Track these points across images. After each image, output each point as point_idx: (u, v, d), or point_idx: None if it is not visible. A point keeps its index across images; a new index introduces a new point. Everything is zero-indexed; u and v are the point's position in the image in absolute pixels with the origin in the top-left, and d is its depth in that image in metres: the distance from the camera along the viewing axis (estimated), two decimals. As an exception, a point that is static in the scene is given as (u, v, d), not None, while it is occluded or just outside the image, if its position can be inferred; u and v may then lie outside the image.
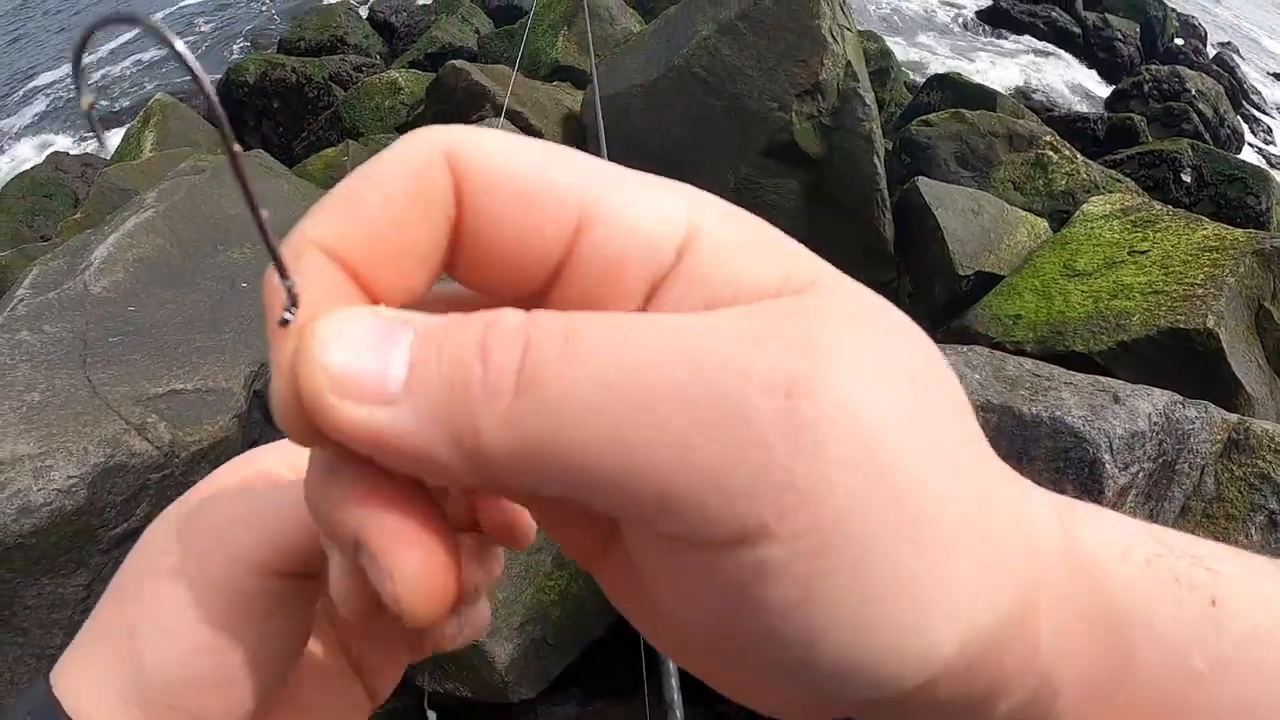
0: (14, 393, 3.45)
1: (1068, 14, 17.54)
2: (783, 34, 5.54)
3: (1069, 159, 6.55)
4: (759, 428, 0.25)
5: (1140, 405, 2.68)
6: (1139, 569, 0.32)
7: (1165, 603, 0.32)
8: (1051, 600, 0.31)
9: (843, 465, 0.26)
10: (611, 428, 0.25)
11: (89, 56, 0.37)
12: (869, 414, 0.26)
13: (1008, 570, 0.30)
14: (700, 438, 0.25)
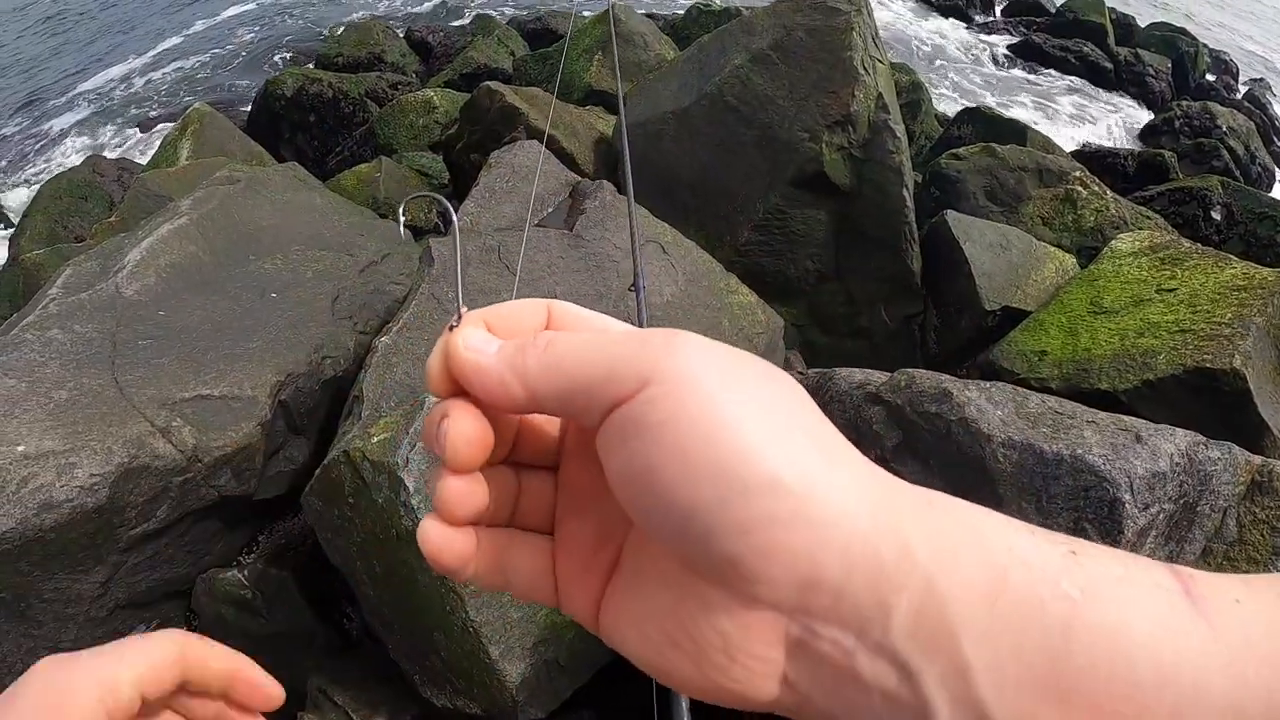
0: (42, 389, 3.49)
1: (1100, 49, 17.52)
2: (815, 65, 5.57)
3: (1098, 195, 6.52)
4: (634, 348, 0.45)
5: (1162, 445, 2.65)
6: (987, 513, 0.44)
7: (1022, 535, 0.43)
8: (911, 515, 0.43)
9: (693, 353, 0.45)
10: (568, 364, 0.47)
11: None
12: (704, 355, 0.45)
13: (841, 460, 0.43)
14: (602, 361, 0.46)
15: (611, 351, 0.46)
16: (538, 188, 4.45)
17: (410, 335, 3.63)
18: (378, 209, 6.41)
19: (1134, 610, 0.40)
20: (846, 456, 0.44)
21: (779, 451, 0.41)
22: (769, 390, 0.44)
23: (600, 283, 4.01)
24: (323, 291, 4.39)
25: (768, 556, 0.41)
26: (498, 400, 0.49)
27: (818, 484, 0.41)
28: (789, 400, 0.45)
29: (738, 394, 0.43)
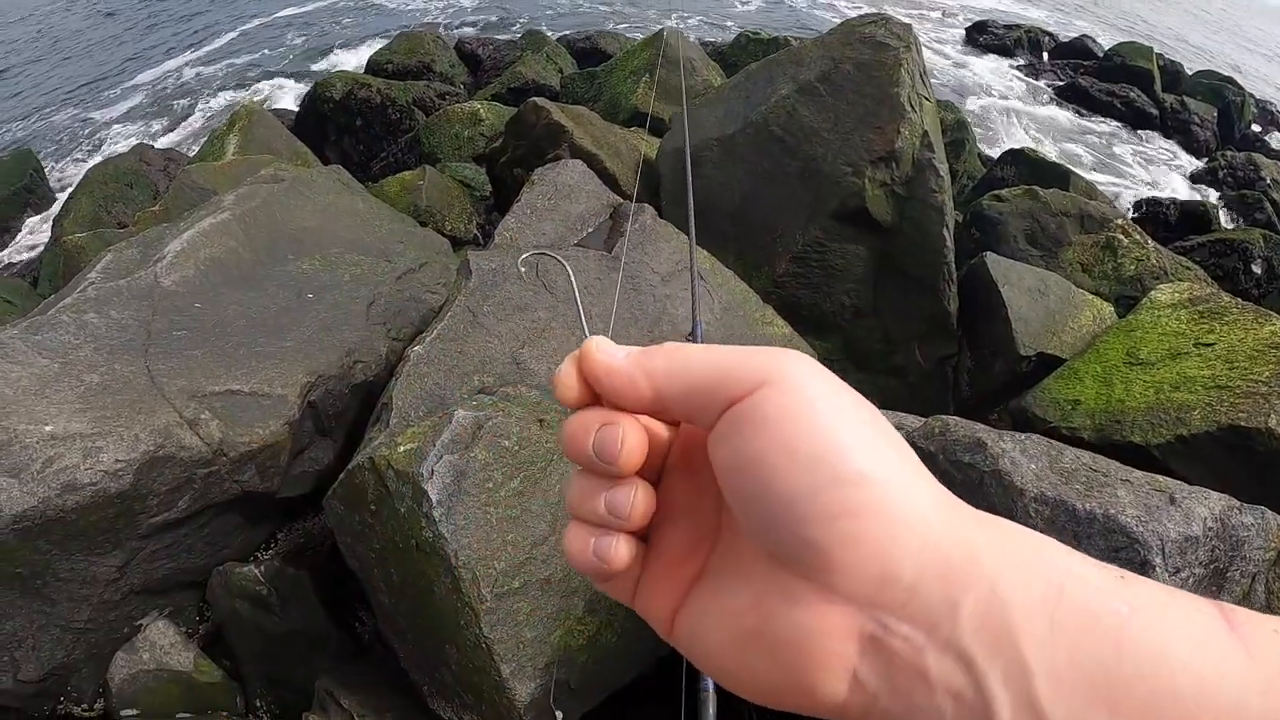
0: (75, 372, 3.52)
1: (1146, 95, 17.41)
2: (862, 99, 5.56)
3: (1139, 244, 6.47)
4: (749, 356, 0.51)
5: (1196, 509, 2.60)
6: (1045, 538, 0.49)
7: (1076, 557, 0.47)
8: (983, 533, 0.47)
9: (802, 363, 0.50)
10: (692, 366, 0.52)
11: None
12: (811, 367, 0.50)
13: (923, 472, 0.48)
14: (724, 365, 0.51)
15: (729, 358, 0.51)
16: (579, 207, 4.46)
17: (443, 346, 3.63)
18: (419, 217, 6.44)
19: (1178, 630, 0.44)
20: (925, 473, 0.49)
21: (869, 454, 0.47)
22: (863, 410, 0.50)
23: (636, 306, 4.00)
24: (359, 296, 4.40)
25: (850, 545, 0.46)
26: (627, 399, 0.54)
27: (899, 486, 0.47)
28: (879, 421, 0.50)
29: (838, 404, 0.49)
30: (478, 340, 3.68)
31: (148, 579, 3.54)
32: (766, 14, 22.70)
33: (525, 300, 3.85)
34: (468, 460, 2.97)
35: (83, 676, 3.57)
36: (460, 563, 2.83)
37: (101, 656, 3.57)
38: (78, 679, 3.56)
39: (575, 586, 2.96)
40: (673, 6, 20.25)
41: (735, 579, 0.53)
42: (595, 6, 21.53)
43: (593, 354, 0.55)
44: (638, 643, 3.09)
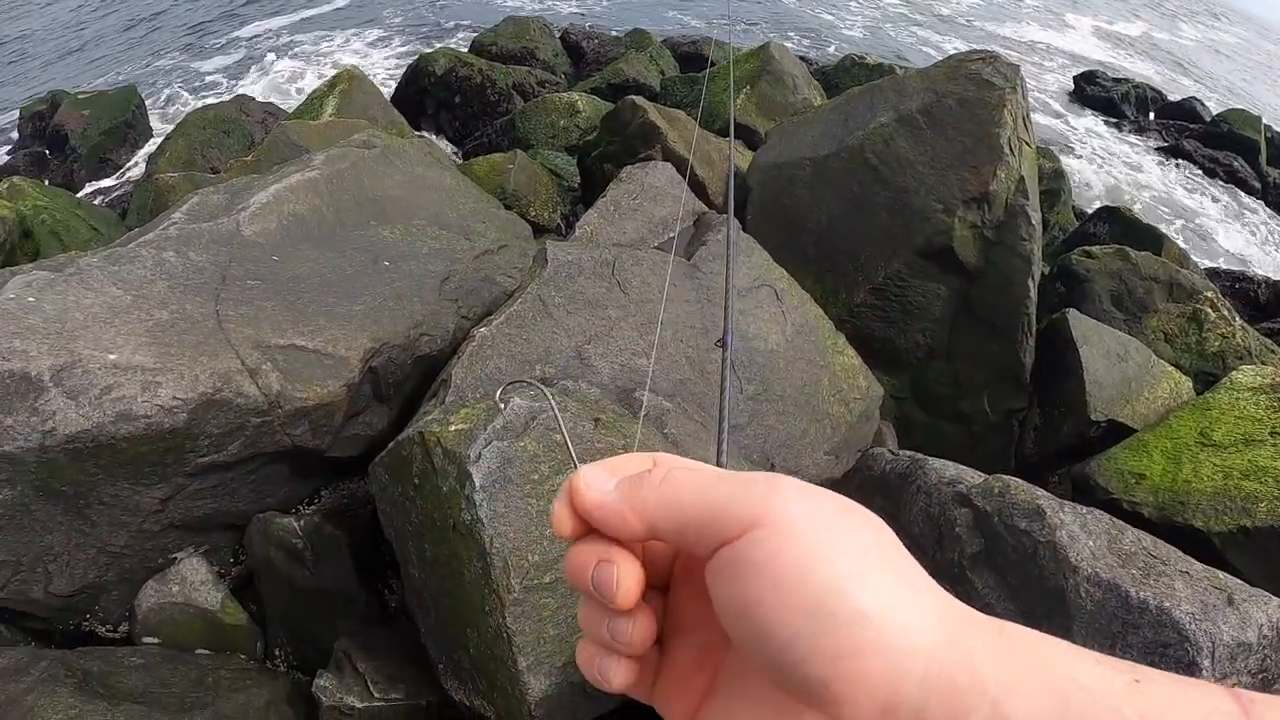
0: (146, 306, 3.57)
1: (1250, 166, 17.02)
2: (961, 136, 5.46)
3: (1227, 320, 6.27)
4: (739, 493, 0.51)
5: (1254, 614, 2.48)
6: (1056, 643, 0.49)
7: (1087, 663, 0.47)
8: (983, 645, 0.47)
9: (795, 500, 0.50)
10: (682, 502, 0.53)
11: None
12: (801, 501, 0.50)
13: (924, 596, 0.49)
14: (715, 504, 0.52)
15: (719, 495, 0.52)
16: (663, 210, 4.42)
17: (509, 331, 3.61)
18: (504, 199, 6.46)
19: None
20: (927, 592, 0.49)
21: (866, 588, 0.47)
22: (859, 534, 0.50)
23: (707, 317, 3.95)
24: (434, 270, 4.42)
25: (855, 682, 0.46)
26: (619, 534, 0.56)
27: (899, 617, 0.47)
28: (877, 541, 0.50)
29: (831, 536, 0.49)
30: (545, 329, 3.66)
31: (188, 515, 3.58)
32: (871, 41, 22.52)
33: (598, 296, 3.82)
34: (516, 449, 2.95)
35: (111, 598, 3.62)
36: (494, 549, 2.80)
37: (133, 582, 3.63)
38: (106, 600, 3.62)
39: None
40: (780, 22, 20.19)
41: (744, 700, 0.55)
42: (701, 13, 21.54)
43: (580, 492, 0.56)
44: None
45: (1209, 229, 15.26)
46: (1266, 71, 35.69)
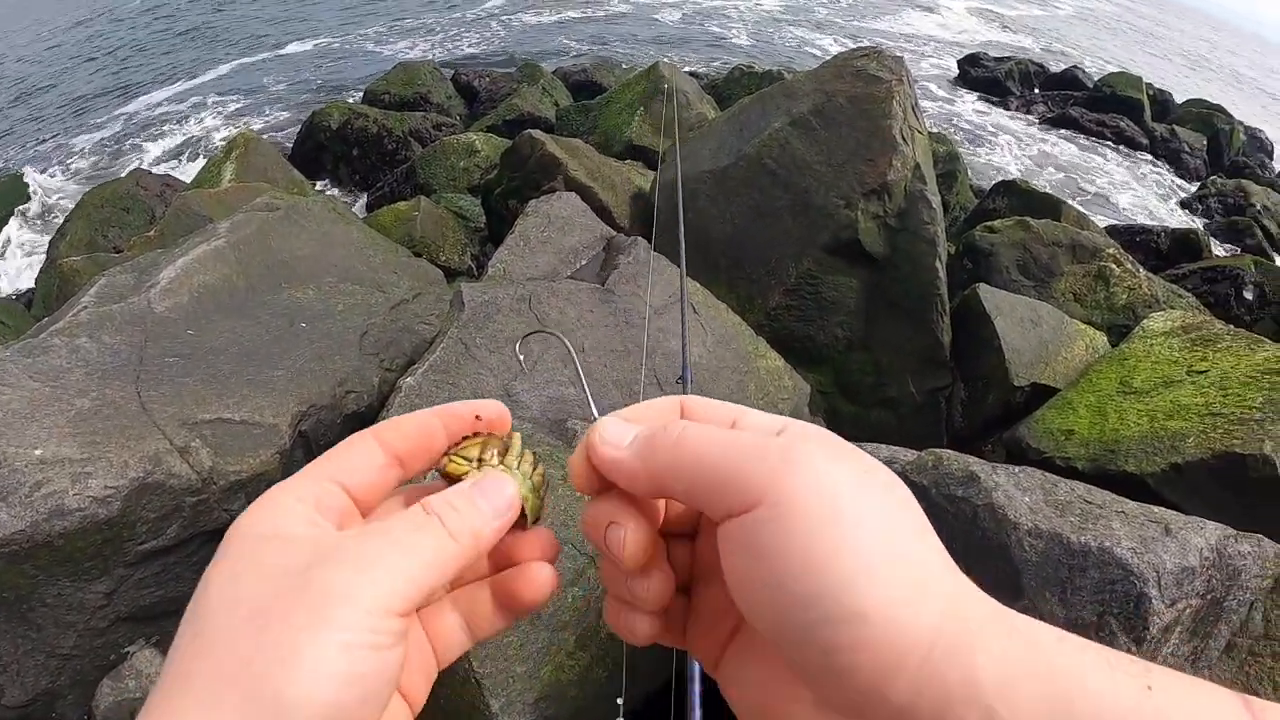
0: (66, 396, 3.51)
1: (1136, 124, 17.61)
2: (854, 132, 5.60)
3: (1131, 273, 6.50)
4: (753, 460, 0.50)
5: (1192, 539, 2.60)
6: (1073, 643, 0.45)
7: (1100, 668, 0.44)
8: (986, 644, 0.44)
9: (805, 475, 0.48)
10: (691, 464, 0.52)
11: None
12: (820, 473, 0.48)
13: (933, 590, 0.46)
14: (724, 472, 0.50)
15: (730, 459, 0.51)
16: (572, 240, 4.47)
17: (435, 378, 3.63)
18: (413, 247, 6.46)
19: None
20: (938, 581, 0.47)
21: (871, 586, 0.45)
22: (874, 517, 0.48)
23: (628, 339, 4.00)
24: (352, 325, 4.41)
25: (846, 675, 0.45)
26: (632, 489, 0.56)
27: (899, 615, 0.45)
28: (890, 524, 0.48)
29: (840, 526, 0.47)
30: (470, 372, 3.68)
31: (135, 606, 3.51)
32: (758, 50, 22.87)
33: (518, 332, 3.85)
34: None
35: (68, 703, 3.53)
36: (449, 594, 2.80)
37: (87, 683, 3.53)
38: (63, 705, 3.53)
39: (565, 621, 2.95)
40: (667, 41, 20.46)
41: (754, 654, 0.56)
42: (589, 43, 21.71)
43: (595, 448, 0.57)
44: (628, 680, 3.07)
45: (1105, 189, 15.74)
46: (1145, 38, 36.95)
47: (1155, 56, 33.91)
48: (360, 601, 0.49)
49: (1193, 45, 41.51)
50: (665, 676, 3.17)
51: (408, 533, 0.55)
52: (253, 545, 0.55)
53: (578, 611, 2.97)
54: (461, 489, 0.59)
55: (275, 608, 0.49)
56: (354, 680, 0.48)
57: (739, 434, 0.53)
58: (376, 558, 0.52)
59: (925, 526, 0.50)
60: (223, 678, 0.47)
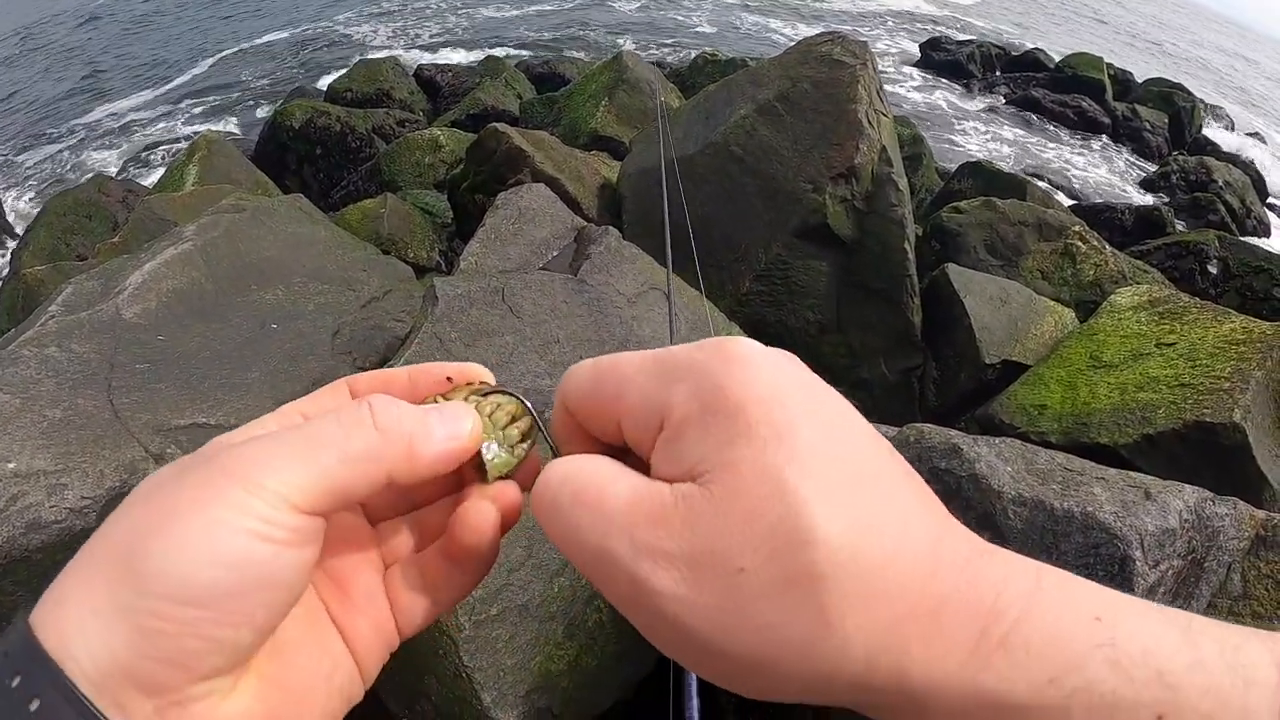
0: (37, 407, 3.47)
1: (1098, 104, 17.79)
2: (820, 117, 5.62)
3: (1097, 249, 6.57)
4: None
5: (1172, 502, 2.64)
6: (1058, 700, 0.39)
7: (1145, 622, 0.41)
8: (941, 714, 0.41)
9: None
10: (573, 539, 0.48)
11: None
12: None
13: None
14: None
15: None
16: (543, 232, 4.46)
17: (410, 373, 3.61)
18: (380, 245, 6.43)
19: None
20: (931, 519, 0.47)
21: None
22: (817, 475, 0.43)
23: (602, 328, 4.01)
24: (323, 325, 4.38)
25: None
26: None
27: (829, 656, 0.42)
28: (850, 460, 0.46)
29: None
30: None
31: (115, 617, 3.48)
32: (720, 37, 22.89)
33: (492, 325, 3.85)
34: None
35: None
36: (435, 590, 2.80)
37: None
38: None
39: (553, 612, 2.95)
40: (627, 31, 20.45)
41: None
42: (550, 31, 21.65)
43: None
44: (619, 667, 3.08)
45: (1068, 168, 15.90)
46: (1099, 26, 37.19)
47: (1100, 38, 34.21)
48: (256, 483, 0.45)
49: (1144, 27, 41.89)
50: (659, 656, 3.18)
51: (331, 422, 0.50)
52: (190, 457, 0.51)
53: (565, 601, 2.98)
54: (414, 406, 0.55)
55: (169, 481, 0.47)
56: (230, 565, 0.43)
57: (625, 500, 0.47)
58: (290, 444, 0.48)
59: (912, 483, 0.49)
60: (104, 545, 0.45)
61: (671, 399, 0.47)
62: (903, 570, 0.42)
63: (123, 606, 0.42)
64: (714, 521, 0.42)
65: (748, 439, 0.44)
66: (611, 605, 0.53)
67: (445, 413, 0.55)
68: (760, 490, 0.42)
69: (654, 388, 0.48)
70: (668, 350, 0.50)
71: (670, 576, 0.43)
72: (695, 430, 0.45)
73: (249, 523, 0.44)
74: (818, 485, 0.42)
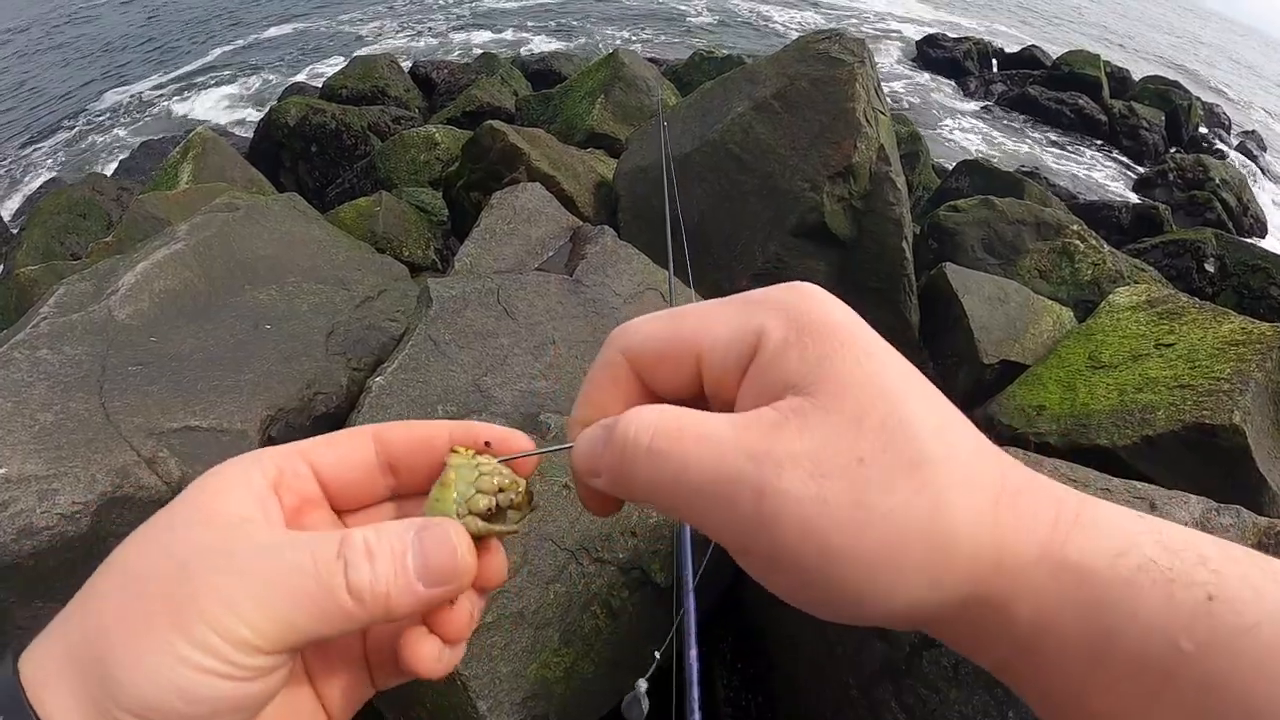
0: (28, 410, 3.44)
1: (1094, 102, 17.81)
2: (817, 115, 5.59)
3: (1095, 248, 6.56)
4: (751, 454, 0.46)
5: (1177, 514, 2.61)
6: (1128, 572, 0.43)
7: (1153, 597, 0.42)
8: (1029, 592, 0.45)
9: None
10: (684, 480, 0.47)
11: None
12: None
13: (958, 573, 0.45)
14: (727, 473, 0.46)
15: (726, 468, 0.48)
16: (539, 231, 4.44)
17: (405, 376, 3.58)
18: (376, 243, 6.39)
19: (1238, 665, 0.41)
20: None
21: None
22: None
23: (599, 329, 3.98)
24: (318, 326, 4.35)
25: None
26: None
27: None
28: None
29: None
30: (440, 369, 3.64)
31: (108, 622, 3.45)
32: (719, 32, 22.87)
33: (487, 327, 3.82)
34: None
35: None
36: (429, 596, 2.78)
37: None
38: (38, 729, 3.47)
39: (549, 619, 2.93)
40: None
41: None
42: (547, 20, 21.64)
43: (581, 485, 0.55)
44: (616, 673, 3.06)
45: (1065, 166, 15.88)
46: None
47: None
48: (222, 625, 0.46)
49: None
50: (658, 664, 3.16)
51: (306, 568, 0.49)
52: (186, 509, 0.52)
53: (561, 608, 2.96)
54: (396, 530, 0.52)
55: (149, 590, 0.48)
56: (193, 700, 0.46)
57: (728, 426, 0.48)
58: (262, 582, 0.48)
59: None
60: (79, 638, 0.49)
61: (766, 325, 0.50)
62: (987, 462, 0.47)
63: (97, 706, 0.46)
64: (828, 421, 0.46)
65: (843, 353, 0.48)
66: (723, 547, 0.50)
67: (431, 548, 0.52)
68: (864, 394, 0.47)
69: (743, 319, 0.51)
70: (745, 293, 0.53)
71: (797, 475, 0.45)
72: (794, 350, 0.48)
73: (213, 663, 0.46)
74: (910, 390, 0.48)
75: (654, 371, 0.54)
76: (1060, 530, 0.45)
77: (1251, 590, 0.42)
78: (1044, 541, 0.45)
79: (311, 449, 0.57)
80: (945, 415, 0.48)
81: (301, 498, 0.55)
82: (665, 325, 0.54)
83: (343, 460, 0.57)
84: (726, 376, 0.51)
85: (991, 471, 0.47)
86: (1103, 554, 0.44)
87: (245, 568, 0.48)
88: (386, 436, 0.58)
